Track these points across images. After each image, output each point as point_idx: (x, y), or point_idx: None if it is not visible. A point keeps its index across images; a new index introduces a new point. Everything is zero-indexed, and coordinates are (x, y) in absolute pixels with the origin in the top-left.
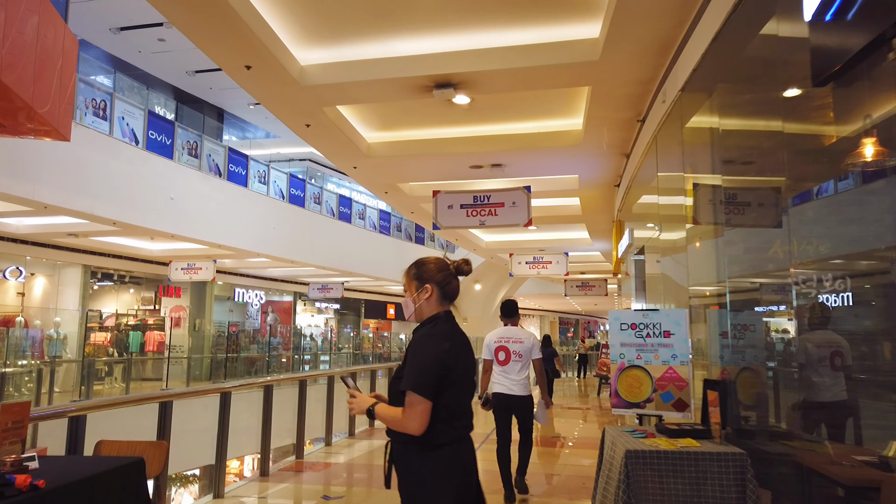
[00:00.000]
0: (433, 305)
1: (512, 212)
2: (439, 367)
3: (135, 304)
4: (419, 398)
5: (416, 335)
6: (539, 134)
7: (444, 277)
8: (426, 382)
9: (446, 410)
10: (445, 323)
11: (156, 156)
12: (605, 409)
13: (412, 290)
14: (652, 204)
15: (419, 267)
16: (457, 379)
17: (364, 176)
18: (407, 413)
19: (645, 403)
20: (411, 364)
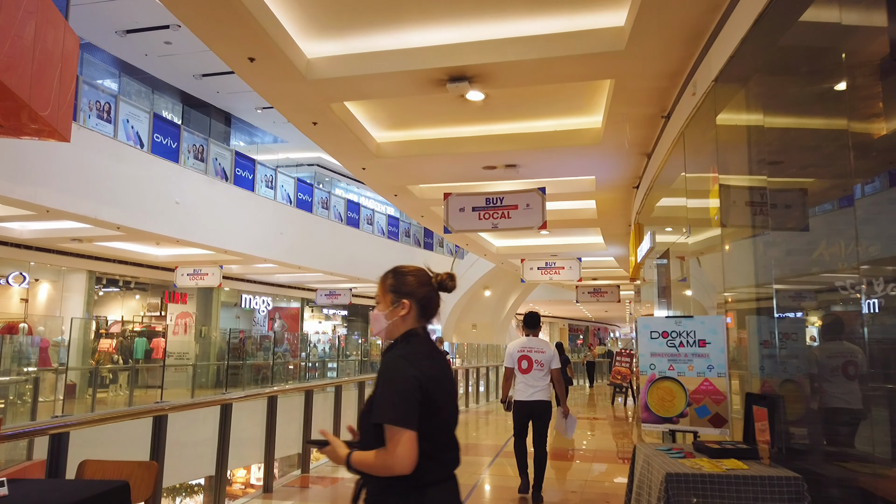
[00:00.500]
0: (409, 322)
1: (526, 214)
2: (419, 392)
3: (141, 310)
4: (399, 429)
5: (388, 356)
6: (556, 132)
7: (426, 293)
8: (405, 410)
9: (431, 443)
10: (423, 341)
11: (161, 159)
12: (619, 418)
13: (386, 304)
14: (678, 205)
15: (397, 277)
16: (440, 405)
17: (373, 178)
18: (389, 450)
19: (678, 418)
20: (385, 391)
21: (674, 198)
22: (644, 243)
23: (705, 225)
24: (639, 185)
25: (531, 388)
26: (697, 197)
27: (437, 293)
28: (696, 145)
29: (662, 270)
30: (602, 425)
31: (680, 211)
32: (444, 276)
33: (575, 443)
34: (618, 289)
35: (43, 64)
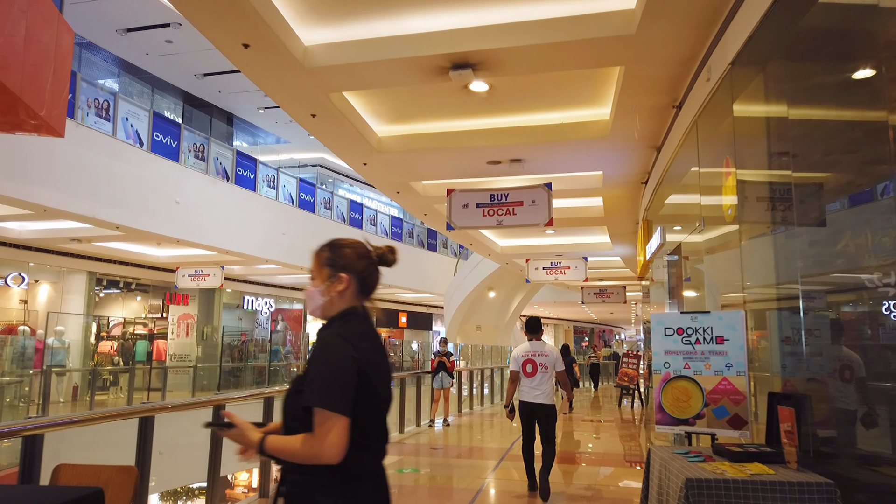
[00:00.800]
0: (347, 299)
1: (531, 211)
2: (355, 375)
3: (142, 311)
4: (332, 414)
5: (323, 335)
6: (563, 125)
7: (364, 266)
8: (340, 394)
9: (362, 432)
10: (362, 321)
11: (161, 158)
12: (626, 421)
13: (322, 279)
14: (690, 200)
15: (334, 250)
16: (376, 391)
17: (374, 174)
18: (318, 436)
19: (694, 420)
20: (318, 372)
21: (685, 193)
22: (653, 240)
23: (719, 221)
24: (647, 180)
25: (535, 391)
26: (711, 190)
27: (377, 268)
28: (709, 136)
29: (673, 268)
30: (609, 428)
31: (691, 208)
32: (384, 248)
33: (583, 446)
34: (624, 289)
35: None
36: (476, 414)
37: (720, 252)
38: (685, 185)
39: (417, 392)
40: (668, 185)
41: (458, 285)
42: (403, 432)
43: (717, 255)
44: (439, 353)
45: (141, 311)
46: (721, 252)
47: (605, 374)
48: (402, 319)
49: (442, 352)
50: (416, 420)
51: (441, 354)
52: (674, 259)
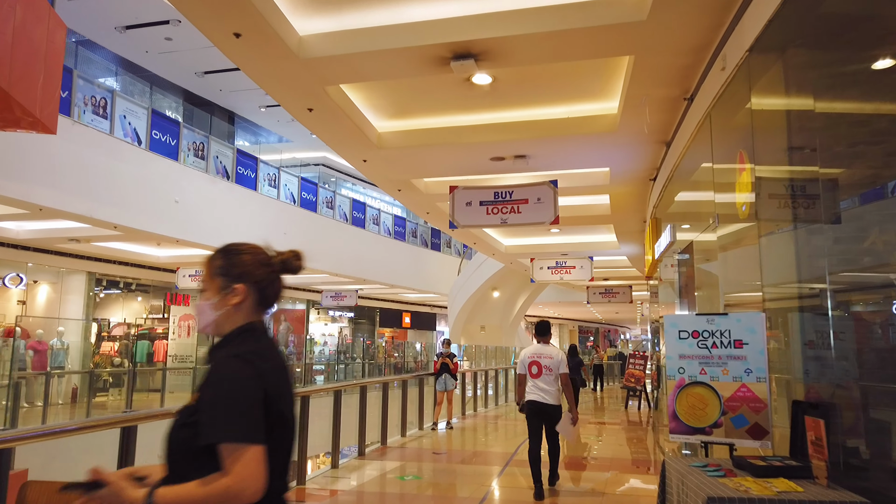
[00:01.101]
0: (245, 313)
1: (536, 209)
2: (260, 399)
3: (143, 312)
4: (244, 446)
5: (217, 356)
6: (569, 120)
7: (265, 275)
8: (247, 421)
9: (272, 467)
10: (261, 338)
11: (160, 157)
12: (633, 423)
13: (214, 291)
14: (702, 196)
15: (228, 257)
16: (279, 418)
17: (375, 171)
18: (234, 472)
19: (711, 429)
20: (216, 400)
21: (696, 189)
22: (662, 239)
23: (734, 218)
24: (655, 176)
25: (541, 392)
26: (725, 186)
27: (279, 276)
28: (723, 128)
29: (684, 267)
30: (615, 431)
31: (703, 205)
32: (288, 254)
33: (589, 450)
34: (630, 289)
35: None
36: (480, 416)
37: (734, 250)
38: (696, 181)
39: (420, 394)
40: (678, 181)
41: (462, 285)
42: (405, 436)
43: (731, 253)
44: (442, 354)
45: (142, 311)
46: (735, 250)
47: (611, 374)
48: (405, 320)
49: (445, 353)
50: (419, 423)
51: (444, 356)
52: (684, 258)
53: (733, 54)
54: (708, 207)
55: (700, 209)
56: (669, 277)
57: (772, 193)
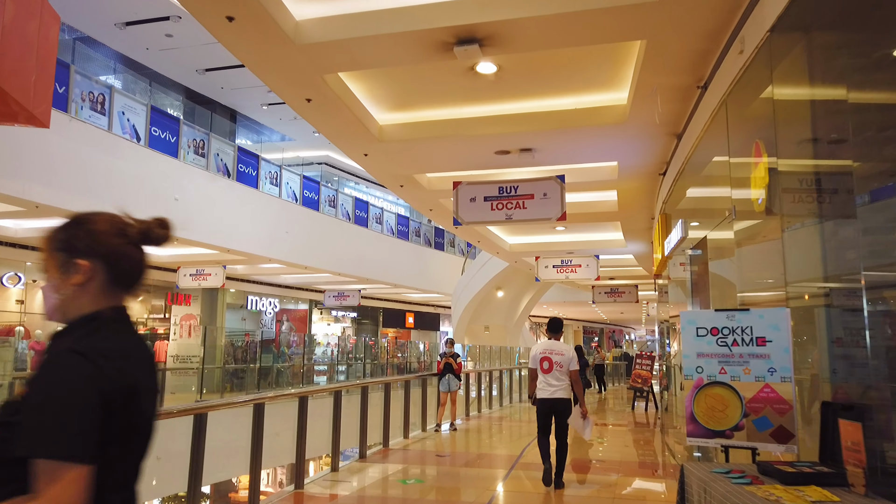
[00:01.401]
0: (93, 296)
1: (543, 204)
2: (97, 407)
3: (144, 312)
4: (63, 465)
5: (54, 348)
6: (576, 111)
7: (116, 248)
8: (73, 434)
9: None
10: (114, 328)
11: (159, 154)
12: (640, 424)
13: (54, 270)
14: (719, 189)
15: (70, 229)
16: (134, 429)
17: (376, 165)
18: (45, 497)
19: (732, 432)
20: (43, 405)
21: (710, 182)
22: (673, 235)
23: (750, 215)
24: (665, 171)
25: (552, 387)
26: (742, 179)
27: (139, 249)
28: (740, 117)
29: (696, 264)
30: (623, 433)
31: (718, 201)
32: (150, 221)
33: (597, 452)
34: (636, 289)
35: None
36: (484, 417)
37: (752, 245)
38: (710, 174)
39: (423, 395)
40: (689, 174)
41: (466, 285)
42: (408, 437)
43: (748, 248)
44: (446, 354)
45: (143, 311)
46: (753, 245)
47: (617, 374)
48: (408, 320)
49: (448, 353)
50: (422, 424)
51: (447, 356)
52: (696, 254)
53: (752, 36)
54: (723, 202)
55: (714, 204)
56: (679, 276)
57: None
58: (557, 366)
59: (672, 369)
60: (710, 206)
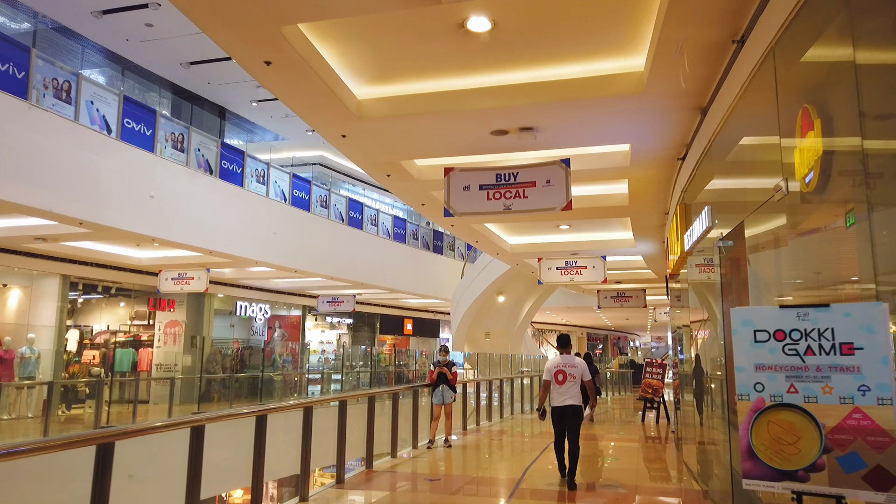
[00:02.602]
0: None
1: (545, 193)
2: None
3: (128, 319)
4: None
5: None
6: (585, 80)
7: None
8: None
9: None
10: None
11: (133, 147)
12: (652, 439)
13: None
14: (755, 165)
15: None
16: None
17: (357, 149)
18: None
19: (808, 473)
20: None
21: (742, 164)
22: (695, 226)
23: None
24: (685, 155)
25: (564, 396)
26: (786, 149)
27: None
28: (786, 78)
29: (729, 257)
30: (633, 450)
31: (759, 172)
32: None
33: (609, 471)
34: (643, 293)
35: None
36: (483, 431)
37: (805, 233)
38: (741, 156)
39: (414, 407)
40: (717, 154)
41: (466, 289)
42: (396, 456)
43: (800, 238)
44: (439, 363)
45: (126, 317)
46: (808, 233)
47: (623, 383)
48: (407, 326)
49: (442, 361)
50: (413, 440)
51: (441, 364)
52: (727, 245)
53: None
54: (759, 187)
55: (749, 188)
56: (699, 276)
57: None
58: (571, 377)
59: (685, 377)
60: (744, 190)
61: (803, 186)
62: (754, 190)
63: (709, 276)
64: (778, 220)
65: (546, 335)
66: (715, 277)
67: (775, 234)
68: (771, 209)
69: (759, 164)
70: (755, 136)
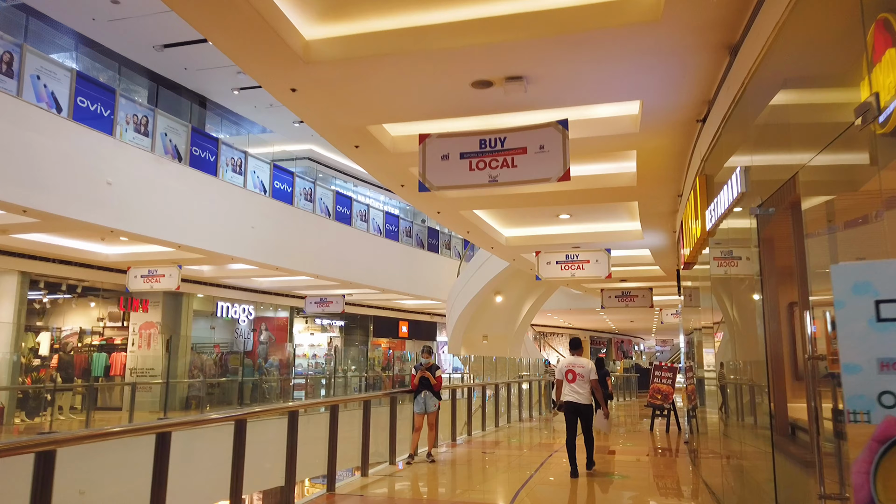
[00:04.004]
0: None
1: (539, 161)
2: None
3: (99, 320)
4: None
5: None
6: (586, 7)
7: None
8: None
9: None
10: None
11: (86, 129)
12: (664, 451)
13: None
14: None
15: None
16: None
17: (312, 107)
18: None
19: None
20: None
21: (779, 124)
22: (722, 196)
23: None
24: (707, 114)
25: (576, 394)
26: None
27: None
28: None
29: (773, 227)
30: (643, 465)
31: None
32: None
33: (619, 497)
34: (650, 292)
35: None
36: (475, 442)
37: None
38: (788, 97)
39: (392, 417)
40: (751, 102)
41: (462, 289)
42: (368, 475)
43: None
44: (421, 366)
45: (98, 319)
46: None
47: (627, 388)
48: (402, 329)
49: (425, 364)
50: (390, 455)
51: (423, 368)
52: (767, 213)
53: None
54: (812, 133)
55: (799, 137)
56: (724, 264)
57: None
58: (579, 377)
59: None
60: (789, 143)
61: (876, 127)
62: (806, 140)
63: (739, 258)
64: (850, 166)
65: (548, 339)
66: (751, 256)
67: (847, 185)
68: (841, 150)
69: (811, 109)
70: (803, 71)
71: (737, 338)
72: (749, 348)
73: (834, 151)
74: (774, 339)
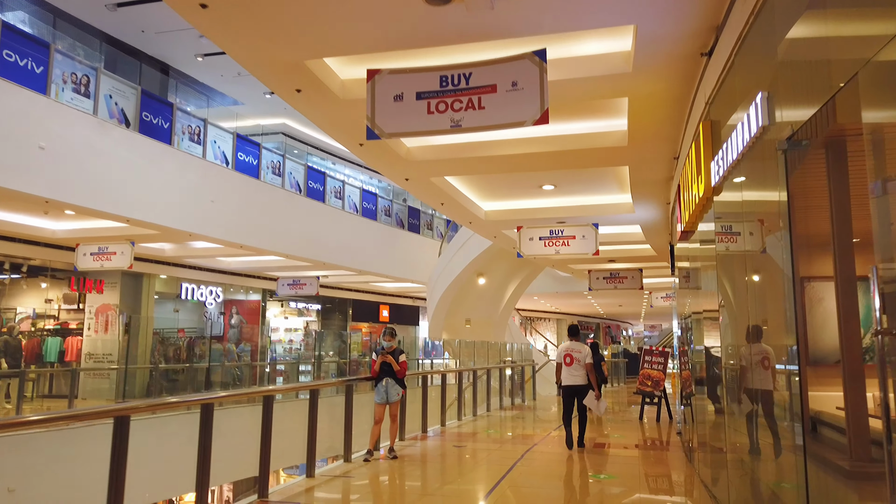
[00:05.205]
0: None
1: (510, 100)
2: None
3: (56, 302)
4: None
5: None
6: None
7: None
8: None
9: None
10: None
11: (14, 86)
12: (654, 444)
13: None
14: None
15: None
16: None
17: (231, 29)
18: None
19: None
20: None
21: (802, 53)
22: (734, 136)
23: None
24: (714, 45)
25: (573, 377)
26: None
27: None
28: None
29: (808, 163)
30: (633, 460)
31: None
32: None
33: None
34: (640, 273)
35: None
36: (449, 433)
37: None
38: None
39: (347, 407)
40: (766, 33)
41: (442, 271)
42: (314, 475)
43: None
44: (383, 349)
45: (55, 301)
46: None
47: (615, 373)
48: (383, 313)
49: (387, 348)
50: (345, 452)
51: (385, 352)
52: (802, 147)
53: None
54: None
55: (839, 49)
56: (725, 246)
57: None
58: (576, 361)
59: (697, 366)
60: (826, 63)
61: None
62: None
63: (758, 211)
64: None
65: (535, 324)
66: (780, 199)
67: None
68: None
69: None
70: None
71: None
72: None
73: None
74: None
